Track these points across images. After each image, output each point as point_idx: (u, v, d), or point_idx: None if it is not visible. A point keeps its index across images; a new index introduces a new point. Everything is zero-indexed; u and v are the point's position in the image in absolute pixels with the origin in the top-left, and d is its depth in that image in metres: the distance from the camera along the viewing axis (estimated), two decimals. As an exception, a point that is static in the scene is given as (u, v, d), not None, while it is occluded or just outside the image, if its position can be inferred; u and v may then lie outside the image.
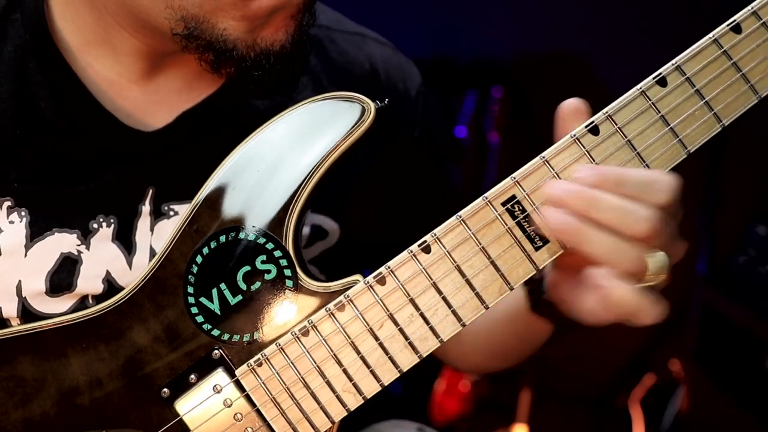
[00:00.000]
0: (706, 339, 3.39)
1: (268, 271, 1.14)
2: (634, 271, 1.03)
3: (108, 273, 1.26)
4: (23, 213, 1.23)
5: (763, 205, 3.40)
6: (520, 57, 3.89)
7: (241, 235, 1.14)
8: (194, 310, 1.14)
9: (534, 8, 3.82)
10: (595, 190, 1.02)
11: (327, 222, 1.39)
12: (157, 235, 1.28)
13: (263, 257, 1.13)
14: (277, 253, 1.13)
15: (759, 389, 3.06)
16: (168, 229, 1.27)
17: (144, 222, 1.27)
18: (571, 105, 1.09)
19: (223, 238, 1.14)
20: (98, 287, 1.26)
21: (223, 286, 1.14)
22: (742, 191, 3.52)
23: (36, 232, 1.23)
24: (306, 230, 1.36)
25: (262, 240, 1.14)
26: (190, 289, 1.14)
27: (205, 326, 1.14)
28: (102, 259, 1.26)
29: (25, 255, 1.23)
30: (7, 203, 1.22)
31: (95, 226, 1.25)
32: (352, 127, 1.13)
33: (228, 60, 1.16)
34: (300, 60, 1.19)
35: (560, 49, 3.84)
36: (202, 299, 1.14)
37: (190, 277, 1.14)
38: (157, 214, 1.28)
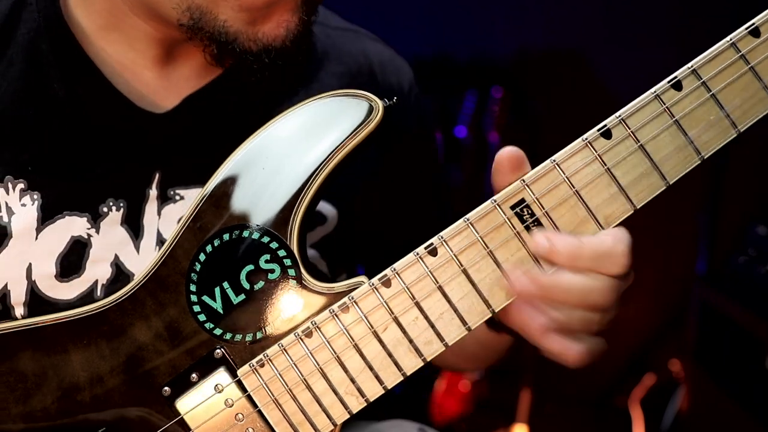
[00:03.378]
0: (706, 339, 3.39)
1: (272, 271, 1.12)
2: (582, 330, 1.07)
3: (116, 257, 1.26)
4: (35, 196, 1.23)
5: (763, 205, 3.40)
6: (521, 56, 3.89)
7: (245, 234, 1.13)
8: (196, 308, 1.13)
9: (534, 8, 3.82)
10: (554, 277, 1.05)
11: (326, 207, 1.38)
12: (164, 220, 1.28)
13: (267, 256, 1.12)
14: (281, 253, 1.12)
15: (759, 389, 3.05)
16: (175, 214, 1.27)
17: (151, 206, 1.27)
18: (508, 154, 1.08)
19: (227, 236, 1.13)
20: (106, 271, 1.26)
21: (226, 284, 1.13)
22: (742, 191, 3.52)
23: (47, 216, 1.23)
24: None
25: (266, 239, 1.12)
26: (193, 287, 1.13)
27: (207, 325, 1.13)
28: (110, 243, 1.26)
29: (36, 238, 1.23)
30: (20, 186, 1.23)
31: (105, 209, 1.25)
32: (360, 125, 1.12)
33: (230, 53, 1.17)
34: (300, 55, 1.20)
35: (560, 49, 3.84)
36: (205, 297, 1.13)
37: (192, 274, 1.13)
38: (164, 199, 1.28)
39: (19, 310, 1.24)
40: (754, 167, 3.52)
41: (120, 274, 1.25)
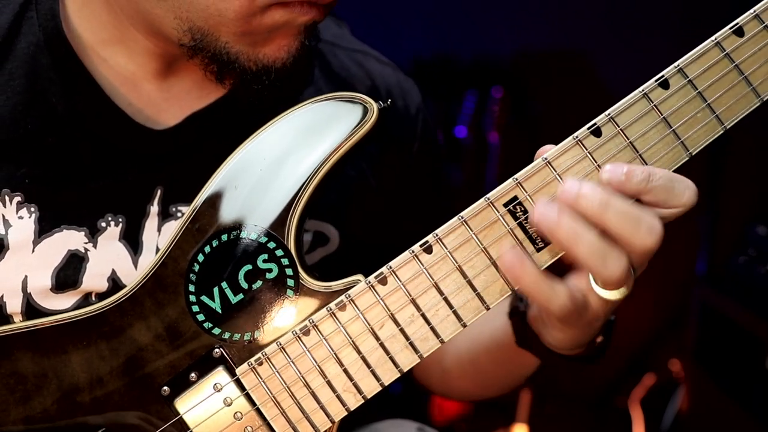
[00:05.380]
0: (706, 339, 3.40)
1: (270, 270, 1.13)
2: (616, 281, 1.02)
3: (113, 272, 1.27)
4: (33, 209, 1.23)
5: (763, 205, 3.40)
6: (521, 56, 3.90)
7: (243, 234, 1.14)
8: (195, 308, 1.14)
9: (534, 8, 3.83)
10: (611, 194, 1.01)
11: (328, 228, 1.39)
12: (164, 236, 1.28)
13: (265, 256, 1.13)
14: (279, 253, 1.13)
15: (759, 389, 3.06)
16: None
17: (152, 222, 1.28)
18: None
19: (225, 237, 1.14)
20: (103, 285, 1.26)
21: (224, 284, 1.14)
22: (742, 192, 3.53)
23: (44, 229, 1.24)
24: (308, 236, 1.36)
25: (263, 239, 1.13)
26: (192, 288, 1.14)
27: (206, 325, 1.14)
28: (108, 258, 1.26)
29: (33, 251, 1.23)
30: (17, 198, 1.23)
31: (103, 224, 1.25)
32: (355, 127, 1.13)
33: (230, 72, 1.19)
34: (300, 77, 1.21)
35: (560, 49, 3.85)
36: (204, 298, 1.14)
37: (191, 275, 1.14)
38: (165, 215, 1.28)
39: (17, 319, 1.25)
40: (754, 168, 3.53)
41: (116, 289, 1.24)
